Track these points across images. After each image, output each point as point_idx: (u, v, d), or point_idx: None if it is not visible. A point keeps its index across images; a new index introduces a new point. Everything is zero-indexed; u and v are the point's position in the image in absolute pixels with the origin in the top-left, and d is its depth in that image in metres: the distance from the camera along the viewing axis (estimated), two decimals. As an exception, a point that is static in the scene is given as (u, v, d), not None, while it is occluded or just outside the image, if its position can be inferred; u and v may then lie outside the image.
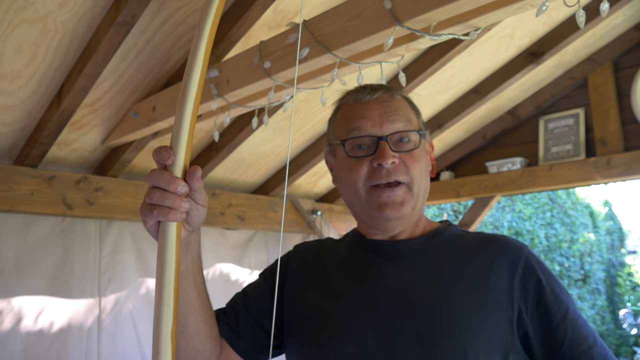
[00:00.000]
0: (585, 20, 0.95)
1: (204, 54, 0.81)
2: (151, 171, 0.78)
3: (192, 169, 0.80)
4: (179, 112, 0.79)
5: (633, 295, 7.90)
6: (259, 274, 1.17)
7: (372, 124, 1.02)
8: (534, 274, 0.95)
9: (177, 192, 0.77)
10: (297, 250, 1.18)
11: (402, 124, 1.02)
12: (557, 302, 0.94)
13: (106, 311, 2.33)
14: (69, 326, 2.19)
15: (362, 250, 1.07)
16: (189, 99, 0.79)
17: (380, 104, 1.04)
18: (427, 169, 1.06)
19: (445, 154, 3.43)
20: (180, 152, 0.79)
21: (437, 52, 2.22)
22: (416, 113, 1.09)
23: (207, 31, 0.81)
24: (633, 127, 2.74)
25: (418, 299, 0.95)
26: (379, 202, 1.00)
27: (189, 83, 0.80)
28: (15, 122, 1.96)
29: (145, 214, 0.78)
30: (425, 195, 1.06)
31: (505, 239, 1.02)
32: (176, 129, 0.79)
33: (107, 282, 2.35)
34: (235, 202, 2.85)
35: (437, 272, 0.98)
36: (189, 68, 0.80)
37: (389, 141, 1.00)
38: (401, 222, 1.03)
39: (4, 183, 2.02)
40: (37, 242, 2.18)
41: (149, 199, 0.77)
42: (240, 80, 1.52)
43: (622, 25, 2.67)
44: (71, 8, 1.55)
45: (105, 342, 2.28)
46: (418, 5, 1.07)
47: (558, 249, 7.23)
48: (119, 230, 2.45)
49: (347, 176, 1.04)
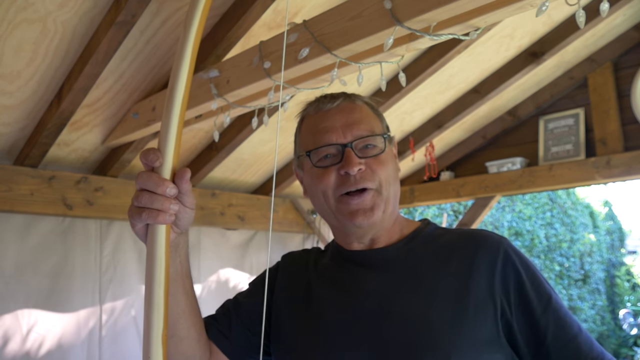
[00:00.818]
0: (585, 20, 0.95)
1: (190, 52, 0.80)
2: (139, 173, 0.78)
3: (181, 170, 0.79)
4: (166, 114, 0.79)
5: (633, 295, 7.90)
6: (249, 283, 1.18)
7: (335, 133, 1.01)
8: (513, 268, 0.94)
9: (165, 195, 0.76)
10: (284, 261, 1.19)
11: (365, 129, 1.02)
12: (539, 293, 0.93)
13: (107, 312, 2.33)
14: (70, 327, 2.19)
15: (342, 261, 1.08)
16: (176, 100, 0.79)
17: (341, 112, 1.04)
18: (395, 173, 1.05)
19: (445, 154, 3.43)
20: (169, 154, 0.78)
21: (437, 52, 2.22)
22: (379, 117, 1.09)
23: (194, 30, 0.81)
24: (633, 127, 2.74)
25: (399, 308, 0.94)
26: (349, 210, 0.99)
27: (176, 84, 0.79)
28: (15, 122, 1.96)
29: (133, 217, 0.78)
30: (396, 198, 1.05)
31: (483, 235, 1.00)
32: (164, 130, 0.78)
33: (108, 282, 2.36)
34: (235, 202, 2.85)
35: (417, 280, 0.97)
36: (176, 68, 0.80)
37: (354, 148, 1.00)
38: (374, 228, 1.02)
39: (4, 183, 2.02)
40: (38, 242, 2.18)
41: (137, 202, 0.77)
42: (240, 80, 1.52)
43: (622, 25, 2.67)
44: (71, 8, 1.55)
45: (106, 343, 2.28)
46: (418, 5, 1.07)
47: (558, 249, 7.23)
48: (120, 230, 2.45)
49: (316, 187, 1.03)
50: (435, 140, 3.12)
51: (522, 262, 0.96)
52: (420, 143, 3.05)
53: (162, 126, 0.79)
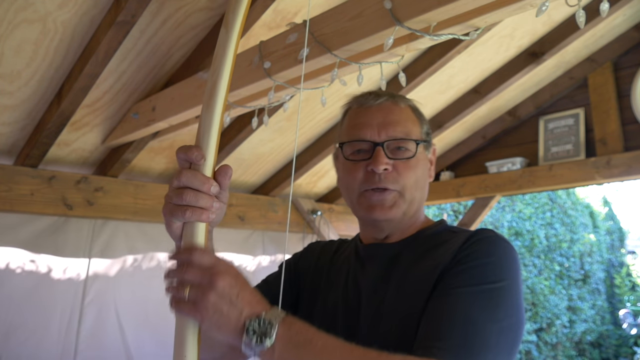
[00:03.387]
0: (585, 20, 0.95)
1: (234, 47, 0.80)
2: (182, 171, 0.76)
3: (224, 167, 0.79)
4: (206, 111, 0.78)
5: (632, 295, 7.90)
6: (279, 266, 1.19)
7: (371, 130, 1.03)
8: (470, 244, 0.91)
9: (210, 193, 0.76)
10: (308, 249, 1.22)
11: (400, 132, 1.03)
12: (465, 271, 0.87)
13: (90, 297, 2.33)
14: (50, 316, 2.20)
15: (352, 254, 1.10)
16: (219, 97, 0.78)
17: (382, 111, 1.05)
18: (424, 179, 1.06)
19: (445, 154, 3.43)
20: (210, 151, 0.78)
21: (437, 52, 2.22)
22: (420, 121, 1.08)
23: (239, 22, 0.80)
24: (633, 127, 2.74)
25: (383, 303, 0.95)
26: (368, 204, 1.01)
27: (219, 79, 0.78)
28: (15, 122, 1.96)
29: (174, 215, 0.76)
30: (421, 203, 1.06)
31: (477, 231, 0.97)
32: (205, 128, 0.78)
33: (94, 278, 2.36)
34: (235, 202, 2.85)
35: (404, 276, 0.97)
36: (219, 61, 0.79)
37: (386, 148, 1.01)
38: (391, 225, 1.03)
39: (4, 183, 2.02)
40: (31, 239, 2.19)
41: (180, 200, 0.75)
42: (240, 80, 1.52)
43: (622, 25, 2.67)
44: (71, 8, 1.55)
45: (84, 336, 2.27)
46: (418, 5, 1.07)
47: (558, 249, 7.23)
48: (114, 229, 2.45)
49: (345, 178, 1.06)
50: (435, 140, 3.11)
51: (490, 245, 0.91)
52: (420, 143, 3.04)
53: (202, 123, 0.78)
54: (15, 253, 2.15)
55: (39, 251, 2.21)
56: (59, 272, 2.26)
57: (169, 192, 0.78)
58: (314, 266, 1.15)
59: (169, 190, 0.78)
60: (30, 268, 2.18)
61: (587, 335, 7.23)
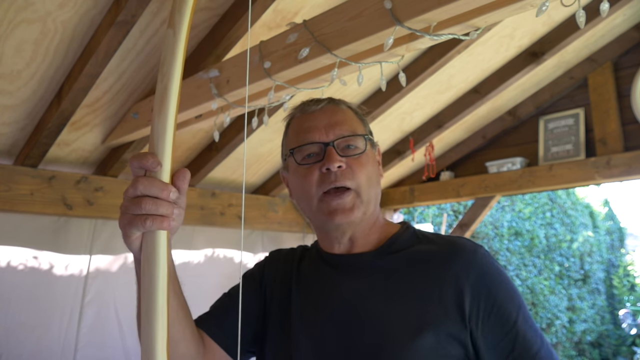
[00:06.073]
0: (585, 20, 0.95)
1: (183, 47, 0.78)
2: (138, 179, 0.73)
3: (181, 171, 0.77)
4: (158, 117, 0.76)
5: (632, 295, 7.90)
6: (242, 276, 1.18)
7: (318, 132, 1.05)
8: (485, 280, 0.94)
9: (169, 199, 0.74)
10: (272, 257, 1.22)
11: (347, 130, 1.05)
12: (509, 308, 0.93)
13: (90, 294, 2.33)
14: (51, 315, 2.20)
15: (320, 264, 1.10)
16: (171, 102, 0.77)
17: (325, 113, 1.08)
18: (376, 177, 1.08)
19: (445, 154, 3.43)
20: (166, 156, 0.75)
21: (437, 52, 2.22)
22: (363, 122, 1.12)
23: (186, 22, 0.79)
24: (633, 127, 2.74)
25: (367, 317, 0.95)
26: (328, 209, 1.02)
27: (169, 82, 0.77)
28: (15, 122, 1.96)
29: (134, 225, 0.73)
30: (376, 201, 1.08)
31: (459, 244, 1.00)
32: (159, 134, 0.75)
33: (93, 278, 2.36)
34: (235, 202, 2.85)
35: (389, 289, 0.98)
36: (168, 64, 0.78)
37: (336, 147, 1.03)
38: (352, 227, 1.04)
39: (4, 183, 2.02)
40: (32, 239, 2.19)
41: (139, 210, 0.72)
42: (240, 80, 1.52)
43: (622, 25, 2.67)
44: (71, 8, 1.55)
45: (84, 333, 2.28)
46: (418, 5, 1.07)
47: (558, 249, 7.23)
48: (115, 228, 2.45)
49: (300, 185, 1.06)
50: (435, 140, 3.12)
51: (496, 275, 0.96)
52: (420, 143, 3.05)
53: (155, 130, 0.76)
54: (16, 252, 2.15)
55: (39, 250, 2.21)
56: (60, 270, 2.27)
57: (124, 203, 0.75)
58: (281, 275, 1.14)
59: (125, 201, 0.75)
60: (30, 266, 2.19)
61: (587, 335, 7.23)
